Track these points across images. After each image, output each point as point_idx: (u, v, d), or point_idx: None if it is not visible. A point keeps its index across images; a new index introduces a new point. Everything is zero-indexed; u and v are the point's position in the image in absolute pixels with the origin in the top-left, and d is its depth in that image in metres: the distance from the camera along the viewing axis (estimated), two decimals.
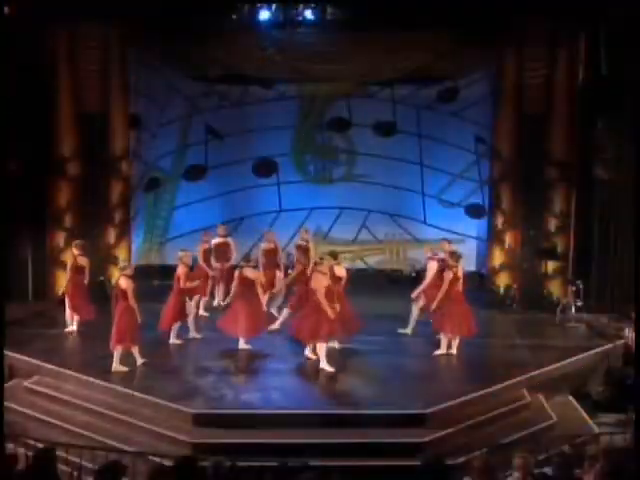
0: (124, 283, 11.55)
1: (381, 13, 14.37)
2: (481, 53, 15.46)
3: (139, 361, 11.64)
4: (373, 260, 17.54)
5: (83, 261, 13.32)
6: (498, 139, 15.38)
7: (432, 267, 12.84)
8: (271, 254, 14.31)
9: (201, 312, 13.92)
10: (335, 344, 12.12)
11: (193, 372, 11.60)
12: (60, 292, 14.50)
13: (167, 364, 11.96)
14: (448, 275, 12.15)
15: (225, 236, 14.57)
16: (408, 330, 13.04)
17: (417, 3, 14.14)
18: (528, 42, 14.84)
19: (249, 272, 12.20)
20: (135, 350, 11.65)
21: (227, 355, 12.23)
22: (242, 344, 12.28)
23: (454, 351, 12.21)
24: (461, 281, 12.18)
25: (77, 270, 13.35)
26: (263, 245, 14.50)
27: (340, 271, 12.06)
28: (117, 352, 11.52)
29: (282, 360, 11.94)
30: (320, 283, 11.34)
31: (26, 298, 15.26)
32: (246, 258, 12.81)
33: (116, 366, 11.49)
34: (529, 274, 15.29)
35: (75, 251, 13.41)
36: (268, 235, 14.73)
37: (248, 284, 12.16)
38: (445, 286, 12.08)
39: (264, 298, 12.72)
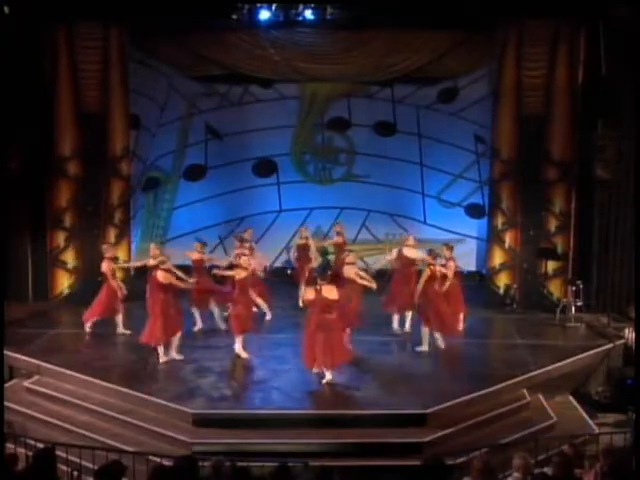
0: (162, 277, 11.69)
1: (381, 13, 14.37)
2: (481, 53, 15.46)
3: (177, 356, 11.92)
4: (373, 260, 17.53)
5: (103, 266, 13.17)
6: (498, 139, 15.36)
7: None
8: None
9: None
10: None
11: (193, 372, 11.61)
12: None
13: (167, 364, 11.96)
14: (425, 273, 12.20)
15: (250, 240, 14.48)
16: None
17: (417, 3, 14.12)
18: (528, 42, 14.82)
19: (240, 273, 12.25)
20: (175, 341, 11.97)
21: (227, 355, 12.23)
22: (237, 348, 12.20)
23: (441, 345, 12.21)
24: (439, 280, 12.19)
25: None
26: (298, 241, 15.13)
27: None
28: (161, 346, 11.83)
29: (282, 360, 11.95)
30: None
31: (26, 298, 15.24)
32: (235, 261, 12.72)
33: (164, 357, 11.82)
34: (529, 274, 15.28)
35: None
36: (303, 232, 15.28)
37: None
38: (420, 284, 12.17)
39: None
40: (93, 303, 13.26)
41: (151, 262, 12.57)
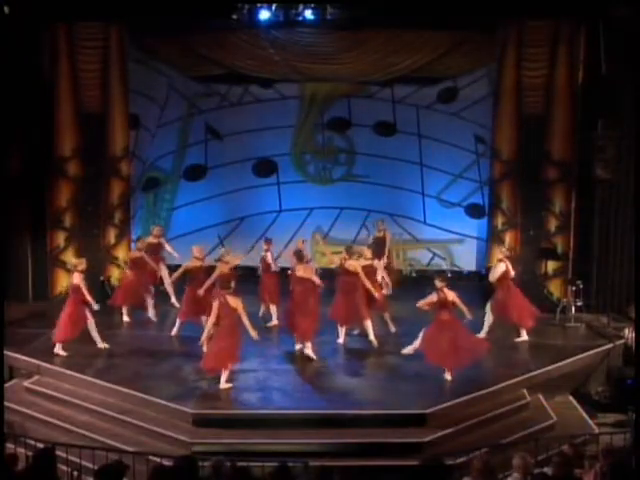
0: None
1: (381, 13, 14.37)
2: (481, 53, 15.47)
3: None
4: None
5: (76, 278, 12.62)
6: (498, 139, 15.36)
7: (498, 269, 13.02)
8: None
9: None
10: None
11: (193, 372, 11.60)
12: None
13: (167, 364, 11.97)
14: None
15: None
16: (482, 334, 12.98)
17: (417, 3, 14.13)
18: (528, 42, 14.83)
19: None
20: None
21: None
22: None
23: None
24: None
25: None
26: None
27: (306, 272, 12.20)
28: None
29: (282, 360, 11.95)
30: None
31: (26, 298, 15.24)
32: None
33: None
34: (529, 274, 15.28)
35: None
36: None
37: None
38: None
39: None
40: (59, 323, 12.36)
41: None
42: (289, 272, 12.68)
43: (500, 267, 13.07)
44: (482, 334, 12.84)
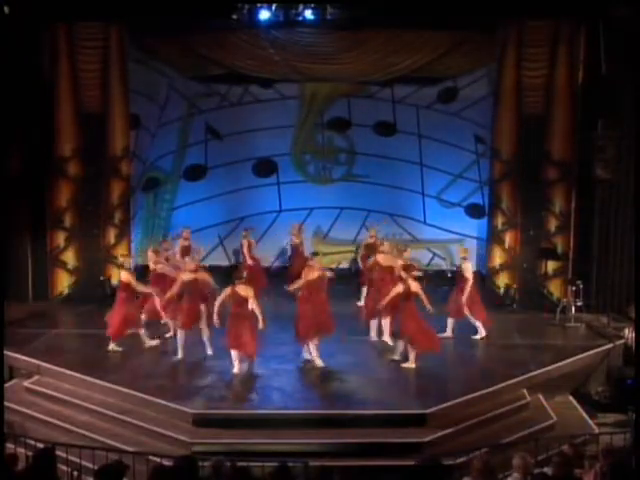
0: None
1: (381, 13, 14.38)
2: (481, 53, 15.47)
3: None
4: None
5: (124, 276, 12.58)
6: (498, 139, 15.37)
7: (468, 268, 13.02)
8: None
9: None
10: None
11: (193, 372, 11.60)
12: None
13: (167, 364, 11.97)
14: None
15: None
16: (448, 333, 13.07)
17: (417, 3, 14.13)
18: (528, 42, 14.85)
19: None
20: None
21: (227, 355, 12.22)
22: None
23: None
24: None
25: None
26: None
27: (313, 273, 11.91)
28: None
29: (282, 360, 11.95)
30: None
31: (26, 298, 15.24)
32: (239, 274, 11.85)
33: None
34: (529, 274, 15.29)
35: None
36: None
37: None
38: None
39: None
40: (111, 321, 12.40)
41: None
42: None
43: (469, 264, 13.15)
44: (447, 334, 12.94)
